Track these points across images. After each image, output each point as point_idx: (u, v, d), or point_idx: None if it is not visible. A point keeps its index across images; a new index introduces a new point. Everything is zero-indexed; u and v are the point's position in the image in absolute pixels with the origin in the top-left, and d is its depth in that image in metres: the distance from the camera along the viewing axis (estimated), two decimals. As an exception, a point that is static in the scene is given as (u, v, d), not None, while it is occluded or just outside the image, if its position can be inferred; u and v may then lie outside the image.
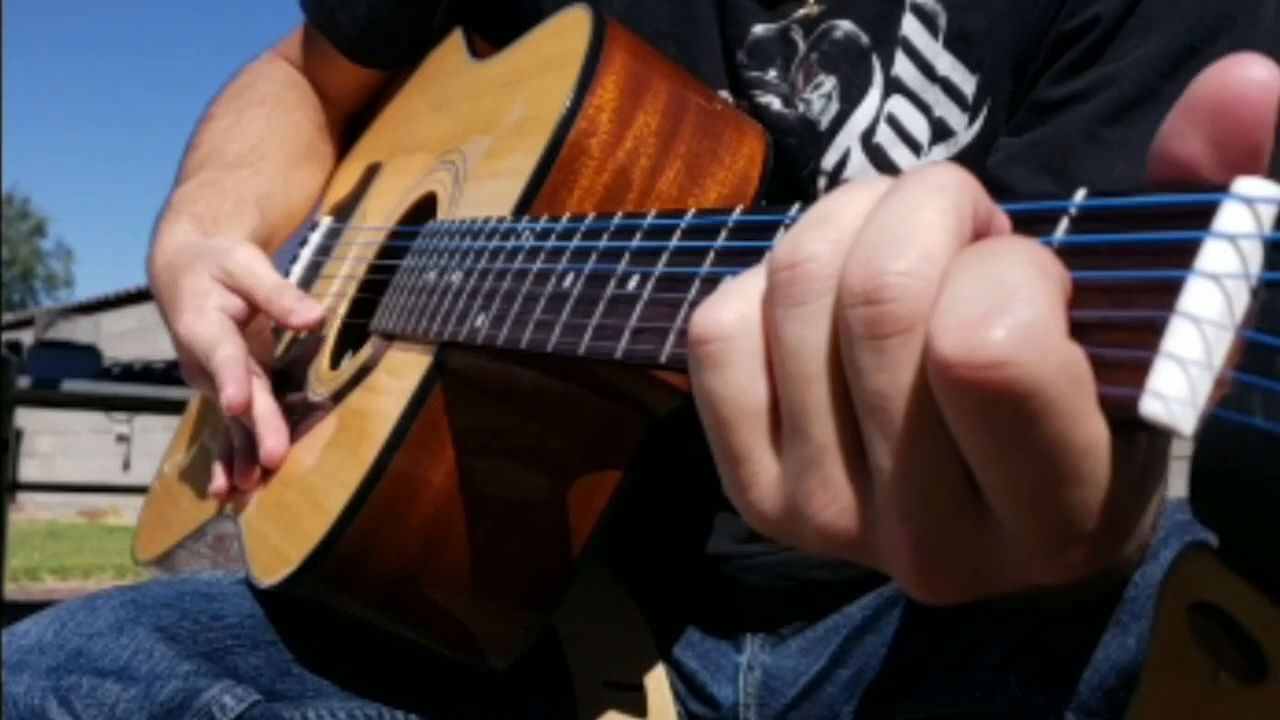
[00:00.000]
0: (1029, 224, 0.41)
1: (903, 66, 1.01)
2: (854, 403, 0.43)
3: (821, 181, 1.02)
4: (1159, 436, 0.38)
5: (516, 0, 1.10)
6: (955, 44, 1.00)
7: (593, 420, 0.89)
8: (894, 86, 1.01)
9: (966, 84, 1.00)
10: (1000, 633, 0.89)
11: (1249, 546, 0.36)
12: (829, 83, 1.01)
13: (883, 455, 0.42)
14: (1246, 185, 0.36)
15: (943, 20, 1.00)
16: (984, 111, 1.00)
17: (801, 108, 1.02)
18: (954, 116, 1.00)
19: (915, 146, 1.01)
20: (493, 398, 0.87)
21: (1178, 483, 0.41)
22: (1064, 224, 0.40)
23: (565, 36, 0.94)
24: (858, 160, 1.01)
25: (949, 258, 0.40)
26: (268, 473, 1.01)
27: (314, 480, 0.94)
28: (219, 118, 1.26)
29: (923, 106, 1.00)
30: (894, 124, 1.01)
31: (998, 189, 0.44)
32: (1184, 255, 0.36)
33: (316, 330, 1.08)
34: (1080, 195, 0.40)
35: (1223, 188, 0.36)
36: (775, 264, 0.45)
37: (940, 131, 1.00)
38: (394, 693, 0.94)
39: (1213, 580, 0.38)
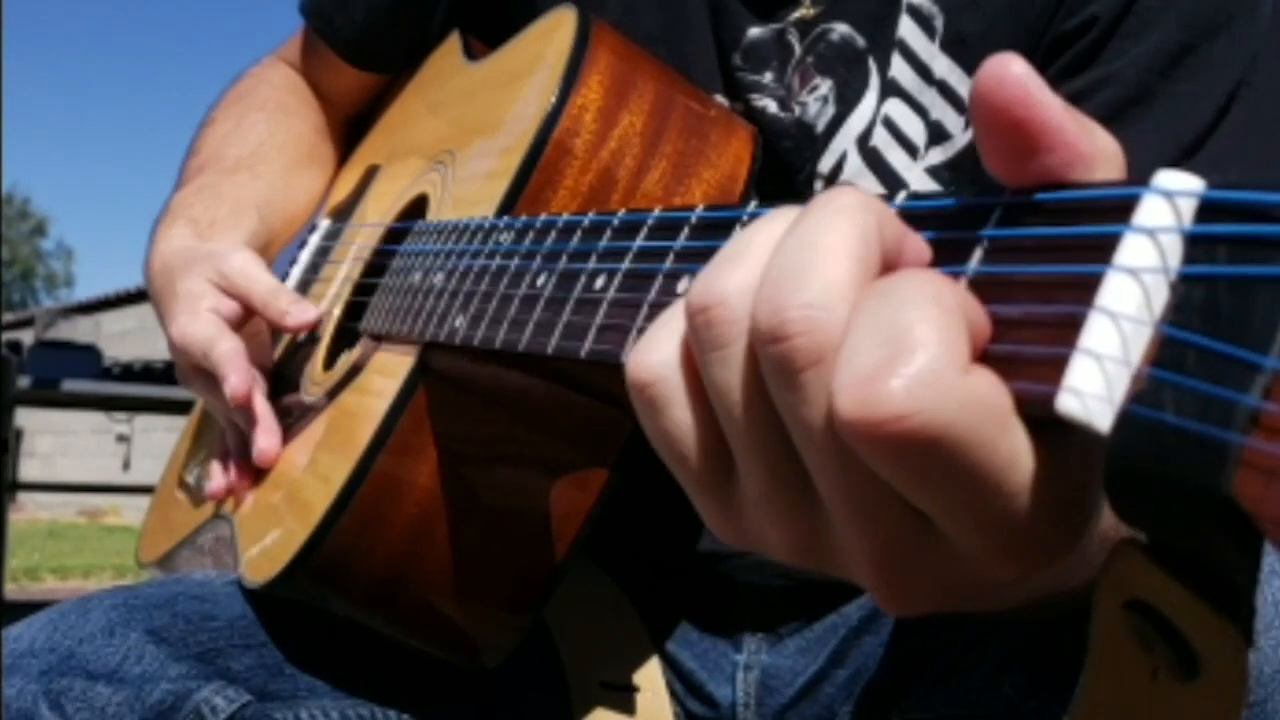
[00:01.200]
0: (960, 219, 0.41)
1: (899, 69, 1.00)
2: (789, 436, 0.43)
3: (818, 185, 1.01)
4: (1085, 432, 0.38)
5: (512, 2, 1.10)
6: (952, 46, 0.99)
7: (579, 421, 0.89)
8: (890, 89, 1.00)
9: (963, 86, 0.99)
10: (996, 637, 0.89)
11: (1170, 542, 0.35)
12: (825, 85, 1.01)
13: (825, 485, 0.42)
14: (1167, 179, 0.36)
15: (940, 22, 0.99)
16: None
17: (797, 111, 1.01)
18: (951, 119, 1.00)
19: (912, 150, 1.00)
20: (478, 398, 0.87)
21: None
22: (995, 217, 0.40)
23: (551, 37, 0.94)
24: (854, 164, 1.01)
25: (854, 284, 0.40)
26: (261, 473, 1.02)
27: (304, 480, 0.95)
28: (219, 122, 1.27)
29: (919, 109, 1.00)
30: (890, 127, 1.00)
31: (994, 190, 0.43)
32: (1104, 250, 0.36)
33: (313, 330, 1.09)
34: (1008, 193, 0.40)
35: (1143, 182, 0.36)
36: (689, 308, 0.45)
37: (937, 134, 1.00)
38: (386, 693, 0.94)
39: (1143, 577, 0.37)
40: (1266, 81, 0.94)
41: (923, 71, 1.00)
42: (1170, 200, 0.35)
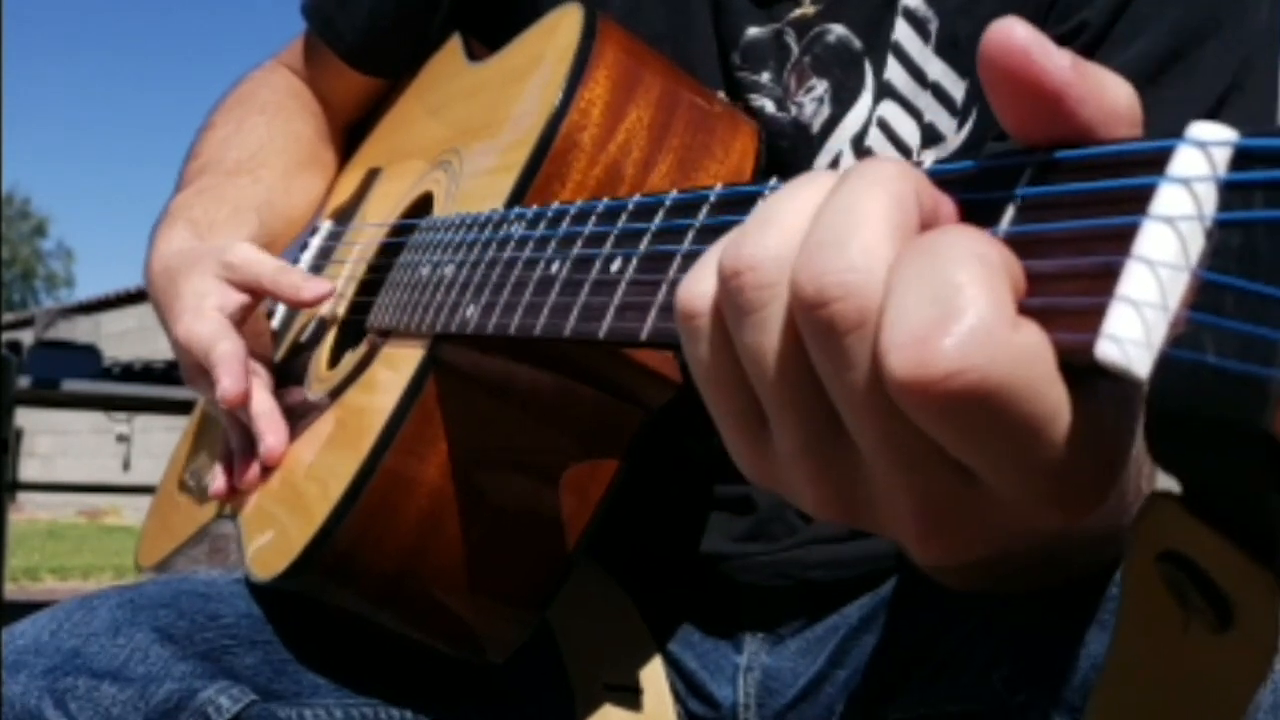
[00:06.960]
0: (990, 180, 0.42)
1: (894, 72, 1.01)
2: (830, 397, 0.43)
3: None
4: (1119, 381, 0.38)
5: (514, 3, 1.10)
6: (946, 50, 1.00)
7: (587, 414, 0.89)
8: (885, 91, 1.01)
9: (956, 89, 1.00)
10: (986, 632, 0.89)
11: (1207, 488, 0.36)
12: (821, 86, 1.02)
13: (867, 444, 0.43)
14: (1200, 129, 0.36)
15: (934, 26, 1.00)
16: (973, 116, 1.00)
17: (794, 111, 1.02)
18: (943, 121, 1.01)
19: (905, 151, 1.01)
20: (487, 391, 0.87)
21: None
22: (1026, 176, 0.40)
23: (557, 33, 0.94)
24: (849, 164, 1.01)
25: (893, 249, 0.41)
26: (267, 471, 1.02)
27: (311, 476, 0.94)
28: (219, 126, 1.27)
29: (913, 112, 1.01)
30: (885, 129, 1.01)
31: (1023, 151, 0.44)
32: (1139, 202, 0.36)
33: (321, 325, 1.08)
34: (1039, 152, 0.41)
35: (1177, 134, 0.36)
36: (721, 272, 0.45)
37: (930, 136, 1.01)
38: (391, 692, 0.94)
39: (1178, 527, 0.38)
40: (1257, 86, 0.95)
41: (917, 74, 1.00)
42: (1204, 150, 0.36)
